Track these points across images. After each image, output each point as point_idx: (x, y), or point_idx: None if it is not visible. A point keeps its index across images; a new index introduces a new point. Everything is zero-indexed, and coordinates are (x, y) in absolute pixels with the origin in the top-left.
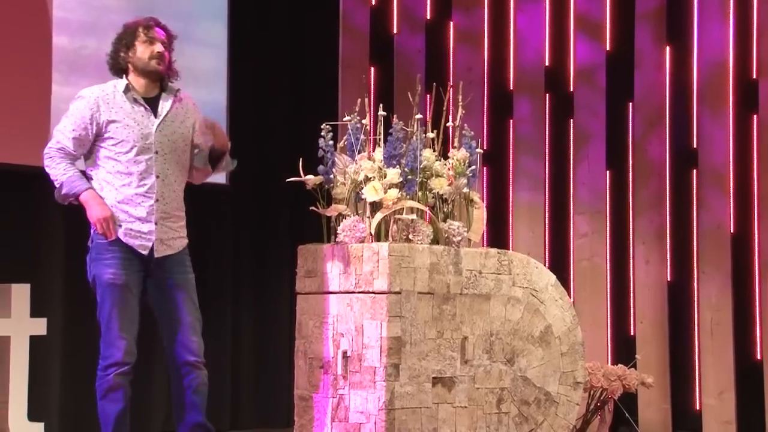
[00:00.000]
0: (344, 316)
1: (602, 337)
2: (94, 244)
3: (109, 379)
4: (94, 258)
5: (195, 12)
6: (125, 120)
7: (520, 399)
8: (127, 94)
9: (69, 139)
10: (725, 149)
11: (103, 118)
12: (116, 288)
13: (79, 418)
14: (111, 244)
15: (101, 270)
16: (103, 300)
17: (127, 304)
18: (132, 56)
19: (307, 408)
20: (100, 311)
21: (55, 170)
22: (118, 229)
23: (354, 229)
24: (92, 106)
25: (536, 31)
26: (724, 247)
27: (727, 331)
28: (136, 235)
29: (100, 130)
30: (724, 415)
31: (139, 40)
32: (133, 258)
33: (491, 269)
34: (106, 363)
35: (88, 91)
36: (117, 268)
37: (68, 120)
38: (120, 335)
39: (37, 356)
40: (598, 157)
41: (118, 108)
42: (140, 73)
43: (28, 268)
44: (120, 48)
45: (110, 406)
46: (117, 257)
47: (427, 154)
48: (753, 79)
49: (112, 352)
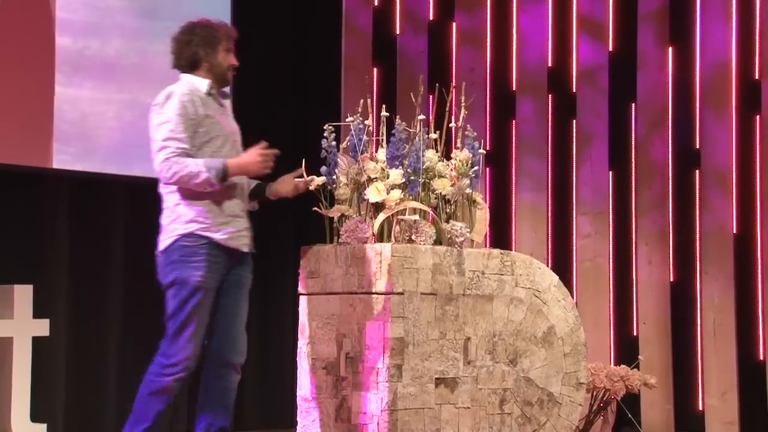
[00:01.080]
0: (347, 317)
1: (605, 337)
2: (177, 246)
3: (166, 381)
4: (178, 260)
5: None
6: (213, 118)
7: (523, 400)
8: (210, 94)
9: (182, 140)
10: (728, 150)
11: (200, 111)
12: (203, 292)
13: (84, 418)
14: (201, 247)
15: (188, 272)
16: (185, 302)
17: (206, 310)
18: (212, 58)
19: (310, 409)
20: (177, 312)
21: (188, 168)
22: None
23: (357, 230)
24: (188, 100)
25: (539, 31)
26: (727, 247)
27: (730, 331)
28: (236, 236)
29: (199, 125)
30: (727, 415)
31: (222, 47)
32: (220, 259)
33: (494, 270)
34: (168, 363)
35: (177, 88)
36: (206, 271)
37: (172, 123)
38: (192, 340)
39: (41, 357)
40: (600, 158)
41: (206, 104)
42: (212, 75)
43: (31, 269)
44: (200, 44)
45: (155, 404)
46: (207, 260)
47: (429, 154)
48: (756, 80)
49: (177, 355)
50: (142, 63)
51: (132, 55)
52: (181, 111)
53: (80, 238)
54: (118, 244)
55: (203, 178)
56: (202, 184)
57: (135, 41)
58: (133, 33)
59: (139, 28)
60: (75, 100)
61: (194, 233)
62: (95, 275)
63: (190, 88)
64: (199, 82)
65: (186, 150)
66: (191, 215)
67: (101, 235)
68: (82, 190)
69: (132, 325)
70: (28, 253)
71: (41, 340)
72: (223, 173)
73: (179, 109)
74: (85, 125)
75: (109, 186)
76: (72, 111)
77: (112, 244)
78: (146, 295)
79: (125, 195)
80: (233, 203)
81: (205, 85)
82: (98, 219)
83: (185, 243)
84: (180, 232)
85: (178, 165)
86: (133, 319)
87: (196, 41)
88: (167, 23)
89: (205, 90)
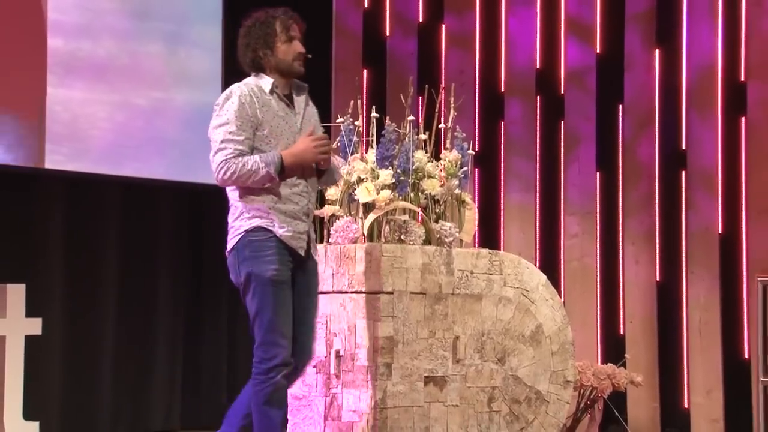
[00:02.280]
0: (337, 316)
1: (592, 336)
2: (246, 242)
3: (275, 382)
4: (249, 256)
5: (189, 14)
6: (275, 118)
7: (511, 398)
8: (272, 92)
9: (240, 141)
10: (714, 151)
11: (260, 114)
12: (279, 285)
13: (77, 416)
14: (270, 241)
15: (261, 267)
16: (264, 298)
17: (288, 302)
18: (274, 57)
19: (301, 407)
20: (261, 311)
21: (246, 166)
22: (282, 231)
23: (347, 230)
24: (249, 101)
25: (527, 33)
26: (713, 247)
27: (715, 330)
28: (296, 236)
29: (258, 126)
30: (713, 413)
31: (279, 40)
32: (288, 255)
33: (483, 269)
34: (271, 365)
35: (238, 89)
36: (279, 264)
37: (231, 124)
38: (284, 335)
39: (34, 356)
40: (588, 159)
41: (268, 105)
42: (278, 72)
43: (24, 268)
44: (258, 47)
45: (275, 411)
46: (277, 253)
47: (419, 155)
48: (741, 82)
49: (276, 353)
50: (133, 64)
51: (123, 56)
52: (239, 112)
53: (73, 237)
54: (110, 243)
55: (263, 173)
56: (261, 180)
57: (126, 42)
58: (124, 34)
59: (130, 29)
60: (67, 101)
61: (260, 227)
62: (88, 274)
63: (251, 88)
64: (263, 81)
65: (243, 152)
66: (254, 211)
67: (94, 235)
68: (75, 189)
69: (125, 323)
70: (21, 253)
71: (34, 339)
72: (281, 165)
73: (238, 111)
74: (77, 126)
75: (102, 186)
76: (64, 112)
77: (105, 243)
78: (139, 294)
79: (117, 194)
80: (296, 207)
81: (268, 84)
82: (91, 218)
83: (253, 238)
84: (246, 228)
85: (236, 165)
86: (127, 318)
87: (254, 44)
88: (158, 24)
89: (268, 89)
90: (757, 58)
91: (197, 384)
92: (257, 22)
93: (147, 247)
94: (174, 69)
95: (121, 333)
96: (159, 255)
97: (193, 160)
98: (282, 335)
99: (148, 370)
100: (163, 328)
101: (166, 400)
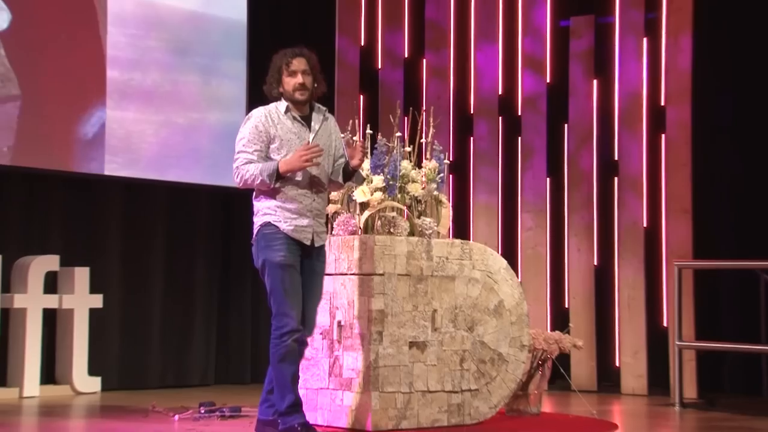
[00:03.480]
0: (339, 293)
1: (543, 309)
2: (261, 234)
3: (286, 345)
4: (264, 246)
5: (220, 51)
6: (288, 134)
7: (479, 359)
8: (287, 113)
9: (251, 152)
10: (640, 161)
11: (272, 131)
12: (286, 268)
13: (130, 373)
14: (278, 233)
15: (272, 254)
16: (275, 279)
17: (295, 281)
18: (282, 89)
19: (310, 366)
20: (274, 288)
21: (249, 172)
22: (286, 226)
23: (347, 224)
24: (263, 121)
25: (491, 66)
26: (639, 238)
27: (641, 304)
28: (300, 230)
29: (271, 141)
30: (638, 370)
31: (284, 75)
32: (295, 244)
33: (456, 256)
34: (282, 332)
35: (257, 112)
36: (285, 252)
37: (245, 139)
38: (292, 307)
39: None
40: (540, 167)
41: (281, 123)
42: (288, 100)
43: (89, 255)
44: (272, 81)
45: (287, 368)
46: (285, 243)
47: (405, 164)
48: (662, 106)
49: (286, 322)
50: (174, 91)
51: (166, 85)
52: (253, 129)
53: (128, 229)
54: (158, 235)
55: (259, 179)
56: (261, 184)
57: (169, 73)
58: (167, 67)
59: (172, 63)
60: (122, 121)
61: (270, 223)
62: (140, 259)
63: (268, 110)
64: (281, 105)
65: (252, 160)
66: (265, 210)
67: (144, 227)
68: (129, 191)
69: (170, 299)
70: (86, 242)
71: (97, 311)
72: (276, 173)
73: (252, 128)
74: (130, 140)
75: (150, 188)
76: (119, 129)
77: (153, 234)
78: (181, 275)
79: (163, 195)
80: (300, 206)
81: (283, 107)
82: (142, 214)
83: (266, 231)
84: (260, 223)
85: (243, 170)
86: (171, 294)
87: (270, 80)
88: (194, 59)
89: (283, 111)
90: (674, 87)
91: (227, 348)
92: (272, 63)
93: (187, 238)
94: (207, 95)
95: (166, 306)
96: (196, 244)
97: (223, 168)
98: (291, 307)
99: (188, 336)
100: (199, 303)
101: (202, 361)
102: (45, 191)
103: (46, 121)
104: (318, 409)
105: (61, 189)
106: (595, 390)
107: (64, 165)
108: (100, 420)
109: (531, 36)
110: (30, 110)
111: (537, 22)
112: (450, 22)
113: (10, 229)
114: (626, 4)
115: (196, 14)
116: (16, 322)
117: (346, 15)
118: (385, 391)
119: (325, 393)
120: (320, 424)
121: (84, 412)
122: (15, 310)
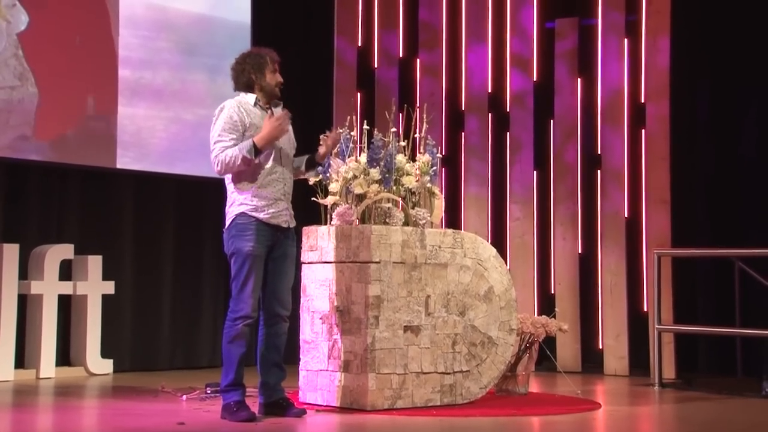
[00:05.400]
0: (338, 280)
1: (530, 295)
2: (234, 224)
3: (237, 329)
4: (235, 235)
5: (225, 51)
6: (260, 121)
7: (470, 341)
8: (255, 105)
9: (227, 140)
10: (621, 155)
11: (246, 120)
12: (254, 258)
13: (141, 355)
14: (250, 224)
15: (243, 244)
16: (242, 267)
17: (259, 271)
18: (261, 79)
19: (310, 349)
20: (237, 275)
21: (229, 155)
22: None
23: (345, 215)
24: (237, 111)
25: (481, 65)
26: (621, 228)
27: (622, 290)
28: (277, 215)
29: (246, 129)
30: (620, 352)
31: (268, 69)
32: (266, 234)
33: (448, 244)
34: (236, 315)
35: (229, 103)
36: (255, 243)
37: (223, 129)
38: (251, 295)
39: (109, 309)
40: (527, 161)
41: (253, 114)
42: (264, 92)
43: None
44: (250, 69)
45: (235, 349)
46: (255, 233)
47: (399, 158)
48: (642, 103)
49: (242, 307)
50: (182, 89)
51: (175, 83)
52: (227, 119)
53: (139, 220)
54: (167, 224)
55: (241, 157)
56: (242, 164)
57: (178, 72)
58: (176, 66)
59: (181, 62)
60: (133, 117)
61: (245, 213)
62: (150, 248)
63: (239, 102)
64: (249, 97)
65: (228, 148)
66: (241, 199)
67: (154, 218)
68: (140, 184)
69: (178, 285)
70: (99, 232)
71: (109, 297)
72: (253, 147)
73: (227, 118)
74: (140, 135)
75: (160, 181)
76: (131, 125)
77: (163, 224)
78: (189, 263)
79: (172, 187)
80: (274, 190)
81: (252, 99)
82: (152, 205)
83: (239, 221)
84: (235, 213)
85: (222, 156)
86: (180, 280)
87: (248, 68)
88: (202, 59)
89: (252, 103)
90: (653, 85)
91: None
92: (252, 53)
93: (194, 227)
94: (213, 92)
95: (175, 292)
96: (203, 233)
97: None
98: (249, 296)
99: (196, 320)
100: (207, 289)
101: (210, 343)
102: (60, 184)
103: (62, 117)
104: (318, 389)
105: (75, 182)
106: (580, 371)
107: (79, 159)
108: (112, 400)
109: (518, 37)
110: (46, 107)
111: (524, 24)
112: (442, 23)
113: (27, 219)
114: (608, 6)
115: (203, 17)
116: (33, 307)
117: (344, 17)
118: (381, 373)
119: (325, 374)
120: (320, 404)
121: (97, 393)
122: (32, 296)
